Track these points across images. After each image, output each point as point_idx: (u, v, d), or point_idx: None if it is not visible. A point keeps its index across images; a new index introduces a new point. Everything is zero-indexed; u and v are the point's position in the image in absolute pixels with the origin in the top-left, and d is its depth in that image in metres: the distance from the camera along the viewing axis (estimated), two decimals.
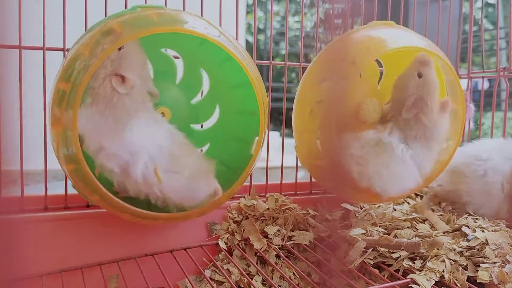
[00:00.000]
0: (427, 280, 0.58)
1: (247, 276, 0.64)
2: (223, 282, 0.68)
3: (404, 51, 0.70)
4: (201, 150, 0.74)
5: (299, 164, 0.84)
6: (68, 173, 0.58)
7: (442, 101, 0.71)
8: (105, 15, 0.69)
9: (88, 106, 0.59)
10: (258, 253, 0.70)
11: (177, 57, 0.72)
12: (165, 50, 0.71)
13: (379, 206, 0.83)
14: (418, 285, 0.58)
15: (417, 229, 0.72)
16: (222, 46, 0.60)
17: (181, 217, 0.65)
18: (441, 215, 0.78)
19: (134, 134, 0.60)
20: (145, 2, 0.73)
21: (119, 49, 0.59)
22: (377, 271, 0.63)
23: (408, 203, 0.86)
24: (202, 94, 0.75)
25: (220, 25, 0.71)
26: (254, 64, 0.66)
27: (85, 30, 0.67)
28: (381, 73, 0.80)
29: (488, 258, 0.62)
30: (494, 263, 0.61)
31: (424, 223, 0.75)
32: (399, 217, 0.77)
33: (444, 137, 0.73)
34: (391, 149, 0.69)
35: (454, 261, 0.62)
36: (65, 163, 0.57)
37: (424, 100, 0.69)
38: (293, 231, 0.74)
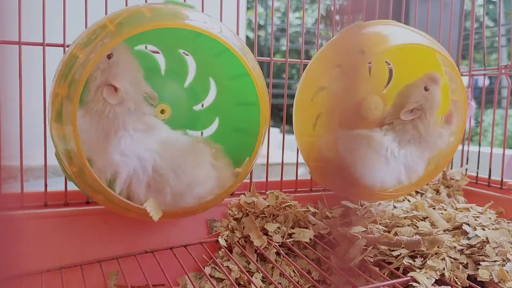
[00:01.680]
0: (427, 278, 0.58)
1: (247, 274, 0.64)
2: (223, 279, 0.67)
3: (411, 54, 0.70)
4: (202, 133, 0.75)
5: (299, 161, 0.84)
6: (71, 174, 0.58)
7: (447, 114, 0.74)
8: (105, 11, 0.69)
9: (81, 119, 0.58)
10: (258, 251, 0.70)
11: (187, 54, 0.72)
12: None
13: (379, 204, 0.82)
14: (418, 283, 0.57)
15: (418, 227, 0.72)
16: (242, 60, 0.61)
17: (185, 212, 0.65)
18: (442, 213, 0.78)
19: (119, 149, 0.59)
20: (146, 1, 0.73)
21: (108, 57, 0.59)
22: (377, 269, 0.63)
23: (409, 200, 0.86)
24: (203, 106, 0.75)
25: (220, 21, 0.71)
26: (253, 56, 0.66)
27: (85, 25, 0.66)
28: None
29: (488, 256, 0.62)
30: (495, 261, 0.61)
31: (425, 221, 0.75)
32: (400, 215, 0.77)
33: (439, 145, 0.74)
34: (379, 145, 0.71)
35: (455, 259, 0.62)
36: (68, 165, 0.57)
37: (424, 110, 0.72)
38: (293, 229, 0.74)
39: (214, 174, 0.65)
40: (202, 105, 0.75)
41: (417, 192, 0.91)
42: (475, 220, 0.73)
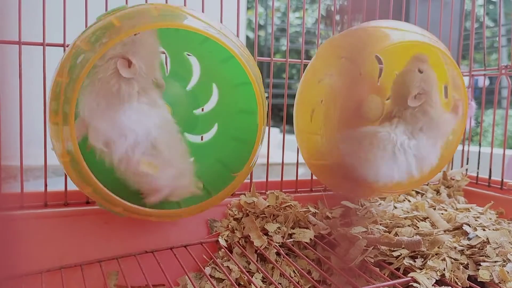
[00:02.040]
0: (428, 278, 0.58)
1: (247, 274, 0.64)
2: (223, 280, 0.67)
3: (400, 46, 0.70)
4: (202, 138, 0.75)
5: (299, 161, 0.83)
6: (63, 165, 0.58)
7: (453, 104, 0.73)
8: (106, 10, 0.69)
9: (84, 87, 0.57)
10: (258, 251, 0.70)
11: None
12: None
13: (380, 204, 0.82)
14: (419, 283, 0.57)
15: (418, 227, 0.72)
16: (246, 69, 0.61)
17: (174, 214, 0.65)
18: (442, 213, 0.78)
19: (124, 116, 0.59)
20: (146, 1, 0.73)
21: (135, 34, 0.59)
22: (377, 269, 0.63)
23: (409, 201, 0.86)
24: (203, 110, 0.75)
25: (220, 21, 0.71)
26: (254, 62, 0.66)
27: (86, 26, 0.66)
28: (380, 69, 0.80)
29: (489, 257, 0.62)
30: (495, 262, 0.61)
31: (425, 221, 0.75)
32: (400, 215, 0.76)
33: (448, 131, 0.74)
34: (386, 141, 0.70)
35: (455, 259, 0.62)
36: (61, 155, 0.57)
37: (428, 93, 0.71)
38: (293, 229, 0.73)
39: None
40: (203, 110, 0.75)
41: (417, 192, 0.91)
42: (476, 220, 0.73)
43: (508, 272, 0.59)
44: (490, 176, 0.93)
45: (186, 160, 0.66)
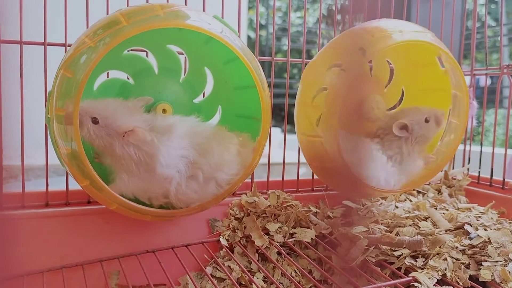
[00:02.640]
0: (429, 278, 0.58)
1: (248, 273, 0.64)
2: (224, 279, 0.67)
3: (401, 46, 0.70)
4: None
5: (301, 160, 0.83)
6: (64, 156, 0.57)
7: (427, 160, 0.77)
8: (107, 10, 0.69)
9: (123, 175, 0.62)
10: (260, 250, 0.70)
11: (181, 53, 0.71)
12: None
13: (381, 204, 0.82)
14: (420, 283, 0.57)
15: (419, 227, 0.72)
16: (229, 46, 0.60)
17: (168, 214, 0.65)
18: (443, 213, 0.78)
19: (162, 168, 0.62)
20: (147, 1, 0.72)
21: (95, 122, 0.60)
22: (378, 269, 0.63)
23: (410, 200, 0.86)
24: (204, 95, 0.74)
25: None
26: (259, 66, 0.65)
27: (87, 25, 0.66)
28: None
29: (490, 256, 0.62)
30: (497, 261, 0.61)
31: (426, 221, 0.74)
32: (401, 215, 0.76)
33: (414, 173, 0.77)
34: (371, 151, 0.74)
35: (456, 259, 0.62)
36: (65, 146, 0.57)
37: (413, 135, 0.74)
38: (294, 228, 0.73)
39: (238, 159, 0.67)
40: (204, 95, 0.74)
41: (418, 192, 0.90)
42: (477, 220, 0.73)
43: (509, 272, 0.58)
44: (491, 175, 0.93)
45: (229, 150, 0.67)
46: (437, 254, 0.63)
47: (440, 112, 0.75)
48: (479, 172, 0.96)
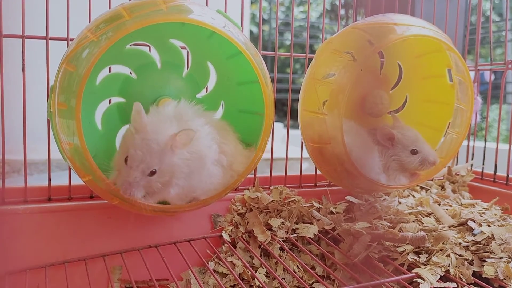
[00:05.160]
0: (432, 274, 0.58)
1: (251, 269, 0.64)
2: (227, 274, 0.67)
3: (405, 40, 0.70)
4: None
5: (303, 156, 0.83)
6: (67, 151, 0.57)
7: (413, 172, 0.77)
8: (109, 4, 0.68)
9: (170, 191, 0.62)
10: (262, 246, 0.70)
11: (184, 48, 0.71)
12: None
13: (384, 199, 0.82)
14: (423, 279, 0.57)
15: (423, 223, 0.71)
16: (232, 41, 0.60)
17: (169, 210, 0.65)
18: (447, 209, 0.77)
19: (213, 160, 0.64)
20: None
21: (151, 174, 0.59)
22: (381, 265, 0.63)
23: (414, 196, 0.86)
24: (207, 90, 0.74)
25: None
26: (262, 61, 0.65)
27: (89, 20, 0.66)
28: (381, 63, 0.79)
29: (494, 253, 0.61)
30: (500, 258, 0.61)
31: (430, 217, 0.74)
32: (404, 211, 0.76)
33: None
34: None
35: (460, 255, 0.62)
36: (67, 141, 0.56)
37: (391, 153, 0.75)
38: (297, 224, 0.73)
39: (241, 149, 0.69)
40: (206, 90, 0.74)
41: (422, 188, 0.90)
42: (481, 216, 0.72)
43: None
44: (495, 171, 0.93)
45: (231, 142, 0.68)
46: (440, 250, 0.62)
47: (432, 158, 0.74)
48: (483, 168, 0.96)
